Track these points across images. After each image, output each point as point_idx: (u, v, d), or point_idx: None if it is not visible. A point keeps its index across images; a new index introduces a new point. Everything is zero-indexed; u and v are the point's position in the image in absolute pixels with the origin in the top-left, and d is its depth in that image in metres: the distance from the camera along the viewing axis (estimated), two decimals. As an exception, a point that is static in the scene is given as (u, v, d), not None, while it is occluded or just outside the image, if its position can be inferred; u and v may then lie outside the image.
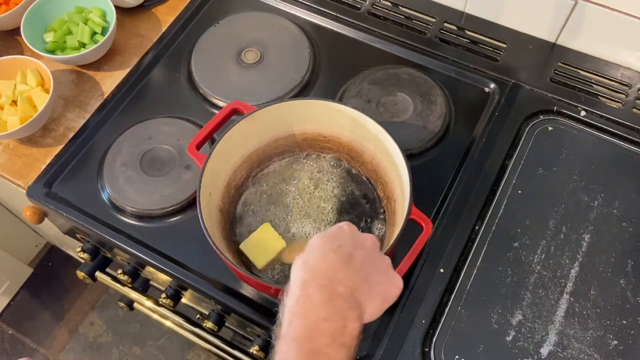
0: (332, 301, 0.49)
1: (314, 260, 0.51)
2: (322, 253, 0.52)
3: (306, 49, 0.93)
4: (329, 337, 0.47)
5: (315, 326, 0.47)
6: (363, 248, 0.54)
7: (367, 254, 0.54)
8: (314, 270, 0.50)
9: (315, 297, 0.49)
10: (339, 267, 0.51)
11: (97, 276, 0.89)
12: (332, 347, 0.47)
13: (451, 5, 0.97)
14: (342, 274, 0.50)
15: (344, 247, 0.52)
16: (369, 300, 0.51)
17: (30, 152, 0.87)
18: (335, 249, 0.52)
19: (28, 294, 1.65)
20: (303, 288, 0.49)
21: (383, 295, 0.53)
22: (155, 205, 0.80)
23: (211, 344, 0.87)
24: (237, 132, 0.70)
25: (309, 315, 0.48)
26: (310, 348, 0.47)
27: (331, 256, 0.51)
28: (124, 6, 0.99)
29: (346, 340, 0.48)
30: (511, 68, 0.91)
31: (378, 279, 0.53)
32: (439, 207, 0.79)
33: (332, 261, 0.51)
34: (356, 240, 0.54)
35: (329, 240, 0.53)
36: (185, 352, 1.54)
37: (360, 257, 0.53)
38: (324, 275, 0.50)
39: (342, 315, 0.48)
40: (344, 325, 0.48)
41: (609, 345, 0.69)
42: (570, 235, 0.76)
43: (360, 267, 0.52)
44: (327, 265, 0.51)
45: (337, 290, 0.49)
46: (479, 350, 0.69)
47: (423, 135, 0.84)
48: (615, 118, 0.85)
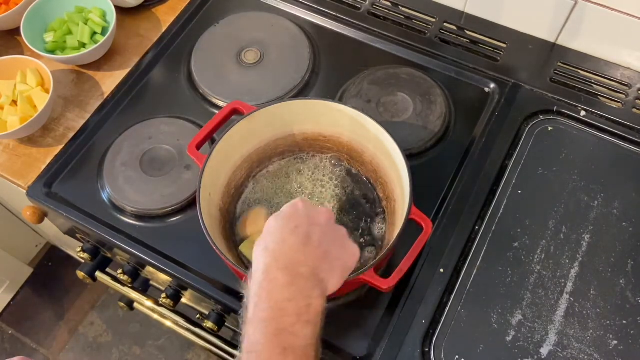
0: (295, 282, 0.50)
1: (274, 245, 0.53)
2: (281, 236, 0.54)
3: (306, 49, 0.93)
4: (294, 316, 0.49)
5: (280, 306, 0.49)
6: (319, 224, 0.56)
7: (324, 230, 0.55)
8: (275, 254, 0.52)
9: (279, 280, 0.50)
10: (298, 249, 0.53)
11: (97, 276, 0.89)
12: (298, 325, 0.49)
13: (451, 5, 0.97)
14: (302, 255, 0.52)
15: (301, 227, 0.54)
16: (330, 275, 0.54)
17: (30, 152, 0.87)
18: (293, 230, 0.54)
19: (28, 294, 1.65)
20: (266, 272, 0.51)
21: (342, 268, 0.55)
22: (155, 205, 0.80)
23: (211, 344, 0.87)
24: (237, 132, 0.70)
25: (274, 297, 0.50)
26: (276, 327, 0.48)
27: (290, 239, 0.53)
28: (124, 6, 0.99)
29: (311, 317, 0.50)
30: (511, 68, 0.91)
31: (336, 253, 0.55)
32: (439, 207, 0.79)
33: (291, 244, 0.53)
34: (311, 217, 0.56)
35: (286, 222, 0.55)
36: (185, 352, 1.54)
37: (318, 234, 0.54)
38: (285, 257, 0.52)
39: (305, 295, 0.50)
40: (308, 303, 0.50)
41: (609, 345, 0.69)
42: (570, 235, 0.76)
43: (319, 245, 0.54)
44: (288, 248, 0.53)
45: (299, 271, 0.51)
46: (479, 350, 0.69)
47: (423, 135, 0.84)
48: (615, 118, 0.85)
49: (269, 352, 0.47)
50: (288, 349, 0.48)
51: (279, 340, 0.48)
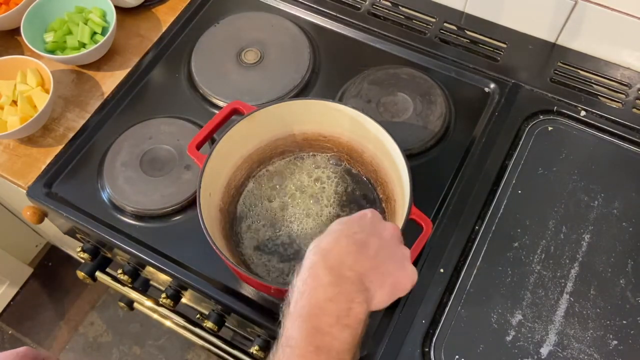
0: (339, 283, 0.49)
1: (326, 244, 0.52)
2: (336, 238, 0.53)
3: (306, 49, 0.93)
4: (334, 317, 0.48)
5: (320, 305, 0.48)
6: (380, 237, 0.54)
7: (384, 243, 0.54)
8: (325, 253, 0.51)
9: (323, 278, 0.49)
10: (349, 252, 0.51)
11: (97, 276, 0.89)
12: (336, 327, 0.48)
13: (451, 5, 0.97)
14: (352, 259, 0.51)
15: (360, 234, 0.53)
16: (379, 288, 0.52)
17: (30, 152, 0.87)
18: (350, 235, 0.53)
19: (28, 294, 1.64)
20: (312, 269, 0.50)
21: (394, 285, 0.53)
22: (155, 205, 0.80)
23: (211, 344, 0.87)
24: (237, 132, 0.70)
25: (315, 295, 0.49)
26: (313, 326, 0.47)
27: (343, 241, 0.52)
28: (124, 6, 0.99)
29: (351, 321, 0.48)
30: (511, 68, 0.91)
31: (391, 269, 0.53)
32: (439, 207, 0.79)
33: (343, 246, 0.52)
34: (375, 228, 0.55)
35: (346, 227, 0.54)
36: (185, 352, 1.54)
37: (375, 245, 0.53)
38: (334, 258, 0.51)
39: (347, 298, 0.49)
40: (349, 307, 0.49)
41: (609, 345, 0.69)
42: (570, 235, 0.76)
43: (374, 256, 0.52)
44: (338, 250, 0.52)
45: (345, 274, 0.50)
46: (479, 350, 0.69)
47: (423, 135, 0.84)
48: (615, 118, 0.85)
49: (303, 349, 0.47)
50: (322, 348, 0.47)
51: (314, 339, 0.47)
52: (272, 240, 0.75)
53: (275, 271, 0.73)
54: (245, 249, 0.75)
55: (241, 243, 0.75)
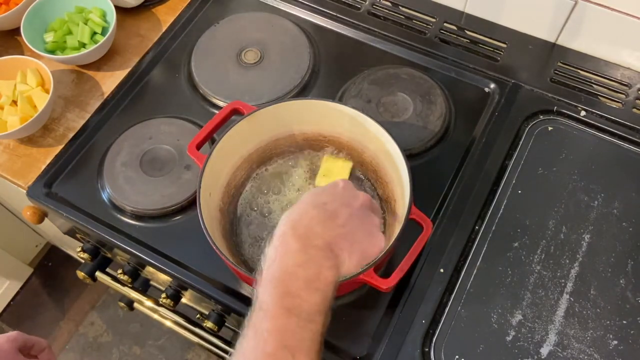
0: (307, 251, 0.52)
1: (296, 215, 0.55)
2: (305, 208, 0.55)
3: (306, 49, 0.93)
4: (303, 281, 0.50)
5: (290, 270, 0.51)
6: (350, 206, 0.57)
7: (354, 212, 0.57)
8: (294, 223, 0.54)
9: (292, 245, 0.52)
10: (318, 221, 0.54)
11: (97, 276, 0.90)
12: (306, 291, 0.50)
13: (451, 5, 0.97)
14: (321, 227, 0.54)
15: (330, 204, 0.56)
16: (348, 255, 0.55)
17: (30, 152, 0.87)
18: (320, 205, 0.56)
19: (28, 294, 1.65)
20: (282, 238, 0.53)
21: (362, 253, 0.56)
22: (155, 205, 0.80)
23: (211, 344, 0.87)
24: (237, 132, 0.70)
25: (285, 261, 0.51)
26: (284, 289, 0.50)
27: (313, 211, 0.55)
28: (124, 6, 0.99)
29: (320, 285, 0.51)
30: (511, 68, 0.91)
31: (360, 237, 0.56)
32: (439, 207, 0.79)
33: (312, 215, 0.55)
34: (346, 197, 0.57)
35: (316, 197, 0.57)
36: (185, 352, 1.55)
37: (345, 215, 0.56)
38: (303, 227, 0.53)
39: (316, 264, 0.52)
40: (318, 272, 0.51)
41: (609, 345, 0.69)
42: (570, 235, 0.76)
43: (343, 224, 0.55)
44: (307, 219, 0.54)
45: (313, 242, 0.53)
46: (479, 350, 0.69)
47: (423, 135, 0.84)
48: (615, 118, 0.85)
49: (274, 311, 0.49)
50: (293, 310, 0.49)
51: (285, 301, 0.49)
52: (272, 240, 0.75)
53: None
54: (245, 249, 0.75)
55: (241, 243, 0.75)
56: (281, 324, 0.48)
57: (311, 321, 0.49)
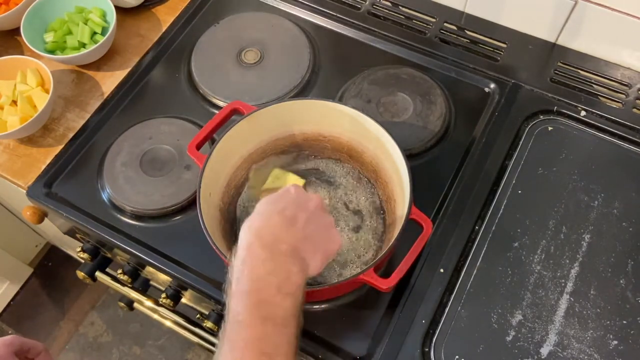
0: (274, 258, 0.53)
1: (259, 223, 0.56)
2: (267, 216, 0.56)
3: (306, 49, 0.93)
4: (275, 288, 0.51)
5: (261, 279, 0.52)
6: (307, 210, 0.58)
7: (310, 216, 0.58)
8: (259, 232, 0.55)
9: (260, 255, 0.53)
10: (281, 228, 0.55)
11: (97, 276, 0.89)
12: (278, 296, 0.51)
13: (451, 5, 0.97)
14: (284, 233, 0.55)
15: (288, 210, 0.57)
16: (312, 256, 0.56)
17: (30, 152, 0.87)
18: (280, 211, 0.56)
19: (28, 294, 1.64)
20: (249, 249, 0.54)
21: (324, 252, 0.58)
22: (155, 205, 0.80)
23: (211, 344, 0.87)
24: (237, 132, 0.70)
25: (255, 272, 0.52)
26: (257, 299, 0.51)
27: (275, 218, 0.56)
28: (124, 6, 0.99)
29: (291, 289, 0.52)
30: (511, 68, 0.91)
31: (319, 238, 0.58)
32: (439, 207, 0.79)
33: (275, 223, 0.55)
34: (300, 202, 0.58)
35: (273, 205, 0.58)
36: (185, 352, 1.54)
37: (303, 218, 0.57)
38: (268, 235, 0.54)
39: (285, 269, 0.53)
40: (287, 277, 0.53)
41: (609, 345, 0.69)
42: (570, 235, 0.76)
43: (303, 228, 0.56)
44: (271, 227, 0.55)
45: (280, 248, 0.54)
46: (479, 350, 0.69)
47: (423, 135, 0.84)
48: (615, 118, 0.85)
49: (250, 320, 0.50)
50: (268, 318, 0.50)
51: (260, 310, 0.50)
52: (272, 240, 0.75)
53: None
54: (245, 249, 0.75)
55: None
56: (258, 332, 0.49)
57: (286, 325, 0.51)
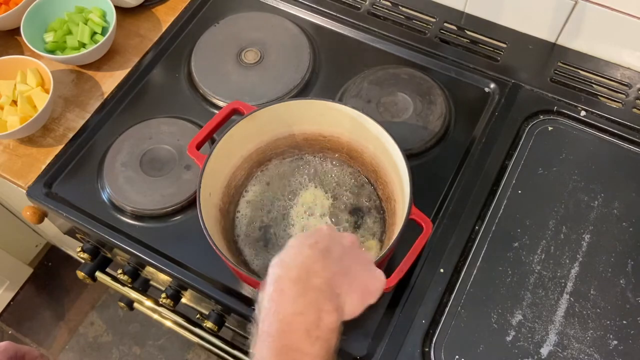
0: (306, 294, 0.48)
1: (289, 257, 0.51)
2: (298, 249, 0.51)
3: (306, 49, 0.93)
4: (303, 332, 0.46)
5: (288, 321, 0.47)
6: (342, 244, 0.53)
7: (346, 250, 0.53)
8: (288, 265, 0.50)
9: (288, 291, 0.48)
10: (314, 260, 0.50)
11: (97, 276, 0.90)
12: (306, 342, 0.46)
13: (451, 5, 0.97)
14: (318, 265, 0.50)
15: (321, 243, 0.52)
16: (349, 293, 0.50)
17: (30, 152, 0.87)
18: (312, 245, 0.51)
19: (28, 294, 1.65)
20: (276, 284, 0.49)
21: (364, 289, 0.52)
22: (155, 205, 0.80)
23: (211, 344, 0.87)
24: (237, 132, 0.70)
25: (282, 311, 0.47)
26: (283, 344, 0.46)
27: (306, 251, 0.51)
28: (124, 6, 0.99)
29: (321, 333, 0.47)
30: (511, 68, 0.91)
31: (358, 272, 0.52)
32: (439, 207, 0.79)
33: (307, 255, 0.50)
34: (334, 237, 0.54)
35: (305, 239, 0.53)
36: (185, 352, 1.54)
37: (339, 251, 0.52)
38: (298, 268, 0.49)
39: (316, 308, 0.47)
40: (318, 317, 0.47)
41: (609, 345, 0.69)
42: (570, 235, 0.76)
43: (339, 259, 0.51)
44: (302, 259, 0.50)
45: (312, 282, 0.48)
46: (479, 350, 0.69)
47: (423, 135, 0.84)
48: (615, 118, 0.85)
49: None
50: None
51: (285, 357, 0.46)
52: (273, 240, 0.75)
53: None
54: (245, 248, 0.75)
55: (241, 243, 0.75)
56: None
57: None
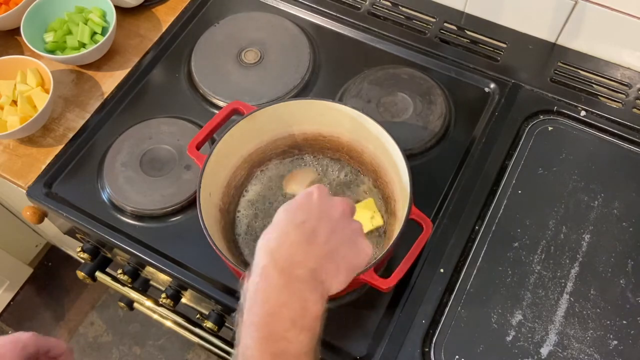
0: (290, 285, 0.48)
1: (276, 241, 0.51)
2: (285, 231, 0.51)
3: (306, 49, 0.93)
4: (288, 322, 0.47)
5: (274, 311, 0.47)
6: (330, 219, 0.53)
7: (334, 225, 0.52)
8: (274, 253, 0.50)
9: (274, 281, 0.48)
10: (299, 247, 0.50)
11: (97, 276, 0.89)
12: (292, 332, 0.47)
13: (451, 5, 0.97)
14: (302, 253, 0.50)
15: (308, 222, 0.51)
16: (335, 276, 0.51)
17: (30, 152, 0.87)
18: (299, 225, 0.51)
19: (28, 294, 1.65)
20: (263, 273, 0.49)
21: (349, 268, 0.53)
22: (155, 205, 0.80)
23: (211, 344, 0.87)
24: (237, 132, 0.70)
25: (267, 301, 0.48)
26: (268, 333, 0.47)
27: (293, 235, 0.50)
28: (124, 6, 0.99)
29: (307, 322, 0.47)
30: (511, 68, 0.91)
31: (344, 251, 0.52)
32: (439, 207, 0.79)
33: (293, 241, 0.50)
34: (324, 210, 0.53)
35: (293, 215, 0.52)
36: (185, 352, 1.54)
37: (326, 230, 0.52)
38: (283, 256, 0.49)
39: (301, 298, 0.48)
40: (303, 308, 0.48)
41: (609, 345, 0.69)
42: (570, 235, 0.76)
43: (325, 242, 0.51)
44: (288, 246, 0.50)
45: (296, 273, 0.49)
46: (479, 350, 0.69)
47: (423, 135, 0.84)
48: (615, 118, 0.85)
49: (260, 356, 0.46)
50: (279, 355, 0.46)
51: (270, 346, 0.46)
52: (272, 240, 0.75)
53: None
54: (245, 248, 0.75)
55: (241, 243, 0.75)
56: None
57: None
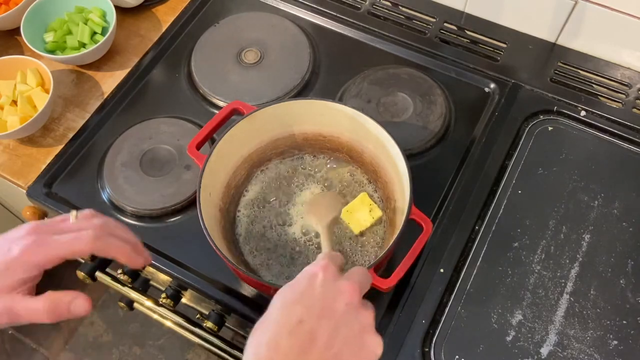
0: None
1: (266, 350, 0.44)
2: (278, 336, 0.44)
3: (306, 49, 0.93)
4: None
5: None
6: (332, 315, 0.45)
7: (338, 323, 0.45)
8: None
9: None
10: (295, 357, 0.43)
11: (97, 276, 0.89)
12: None
13: (451, 5, 0.97)
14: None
15: (307, 323, 0.44)
16: None
17: (30, 152, 0.87)
18: (294, 328, 0.44)
19: (28, 294, 1.64)
20: None
21: None
22: (155, 205, 0.80)
23: (211, 344, 0.87)
24: (237, 132, 0.70)
25: None
26: None
27: (285, 343, 0.44)
28: (124, 6, 0.99)
29: None
30: (511, 68, 0.91)
31: (348, 355, 0.45)
32: (439, 207, 0.79)
33: (286, 352, 0.43)
34: (327, 303, 0.46)
35: (289, 310, 0.46)
36: (185, 352, 1.54)
37: (328, 331, 0.45)
38: None
39: None
40: None
41: (609, 345, 0.69)
42: (570, 235, 0.76)
43: (326, 347, 0.44)
44: (281, 357, 0.43)
45: None
46: (479, 350, 0.69)
47: (423, 135, 0.84)
48: (615, 118, 0.85)
49: None
50: None
51: None
52: (272, 240, 0.75)
53: (275, 271, 0.73)
54: (245, 248, 0.75)
55: (241, 243, 0.75)
56: None
57: None
